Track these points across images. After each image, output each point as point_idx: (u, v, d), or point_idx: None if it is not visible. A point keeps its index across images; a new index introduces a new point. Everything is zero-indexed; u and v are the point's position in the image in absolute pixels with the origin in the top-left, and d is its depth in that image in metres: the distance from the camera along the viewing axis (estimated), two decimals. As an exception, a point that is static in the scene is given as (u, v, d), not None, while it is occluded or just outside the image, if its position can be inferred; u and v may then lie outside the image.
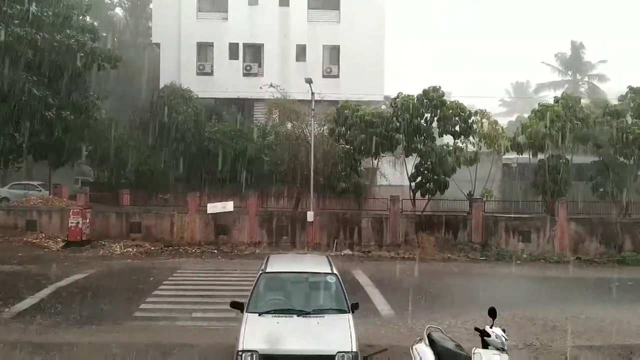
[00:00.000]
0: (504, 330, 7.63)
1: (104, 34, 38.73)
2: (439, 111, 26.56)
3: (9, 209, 26.86)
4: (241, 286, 14.67)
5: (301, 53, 36.04)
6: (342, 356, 8.05)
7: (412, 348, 8.62)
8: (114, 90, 33.83)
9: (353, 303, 9.39)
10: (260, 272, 9.94)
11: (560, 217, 25.41)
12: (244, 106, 35.58)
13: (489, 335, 7.48)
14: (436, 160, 26.09)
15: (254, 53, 36.64)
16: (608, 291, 18.43)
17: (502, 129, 27.55)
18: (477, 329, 7.77)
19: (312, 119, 26.36)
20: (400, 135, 26.55)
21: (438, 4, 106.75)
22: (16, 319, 13.28)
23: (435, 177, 26.28)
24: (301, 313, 9.04)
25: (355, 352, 8.16)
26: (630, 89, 27.12)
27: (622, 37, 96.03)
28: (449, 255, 24.12)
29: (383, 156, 28.34)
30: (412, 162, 27.30)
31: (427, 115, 26.88)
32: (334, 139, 27.48)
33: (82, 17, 30.77)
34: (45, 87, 26.65)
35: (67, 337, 11.91)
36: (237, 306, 9.30)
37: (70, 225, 24.40)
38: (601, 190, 27.49)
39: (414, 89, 27.84)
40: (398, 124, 26.31)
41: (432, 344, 8.22)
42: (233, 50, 36.09)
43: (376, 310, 14.71)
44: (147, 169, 29.50)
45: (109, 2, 46.74)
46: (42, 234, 25.33)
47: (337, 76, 35.76)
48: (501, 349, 7.39)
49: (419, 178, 26.89)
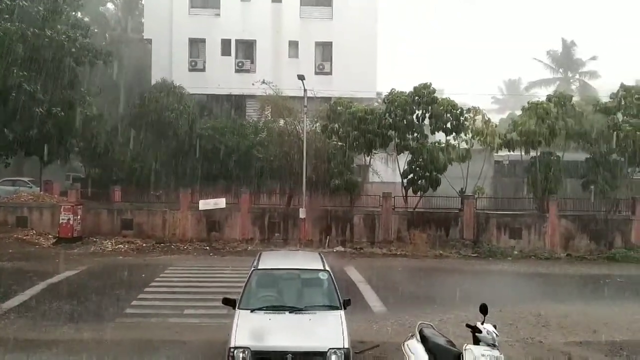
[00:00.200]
0: (495, 327, 7.66)
1: (95, 29, 38.47)
2: (430, 108, 26.59)
3: (-1, 205, 26.70)
4: (233, 283, 14.65)
5: (294, 49, 35.94)
6: (334, 352, 8.07)
7: (403, 344, 8.65)
8: (106, 86, 33.59)
9: (345, 299, 9.42)
10: (253, 268, 9.94)
11: (551, 214, 25.55)
12: (236, 103, 35.49)
13: (480, 332, 7.52)
14: (428, 157, 26.12)
15: (247, 49, 36.52)
16: (598, 288, 18.60)
17: (495, 126, 27.59)
18: (468, 325, 7.81)
19: (304, 116, 26.33)
20: (393, 132, 26.56)
21: (432, 1, 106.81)
22: (6, 316, 13.21)
23: (427, 174, 26.31)
24: (293, 310, 9.05)
25: (347, 348, 8.18)
26: (622, 86, 27.22)
27: (613, 33, 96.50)
28: (441, 252, 24.20)
29: (375, 153, 28.33)
30: (404, 159, 27.32)
31: (419, 112, 26.90)
32: (327, 135, 27.45)
33: (73, 13, 30.53)
34: (36, 83, 26.46)
35: (58, 334, 11.87)
36: (229, 303, 9.30)
37: (61, 221, 24.30)
38: (592, 187, 27.64)
39: (407, 86, 27.83)
40: (390, 120, 26.32)
41: (424, 340, 8.26)
42: (225, 47, 35.95)
43: (368, 306, 14.75)
44: (139, 166, 29.38)
45: (101, -3, 46.42)
46: (32, 230, 25.20)
47: (330, 73, 35.70)
48: (492, 345, 7.43)
49: (411, 175, 26.90)
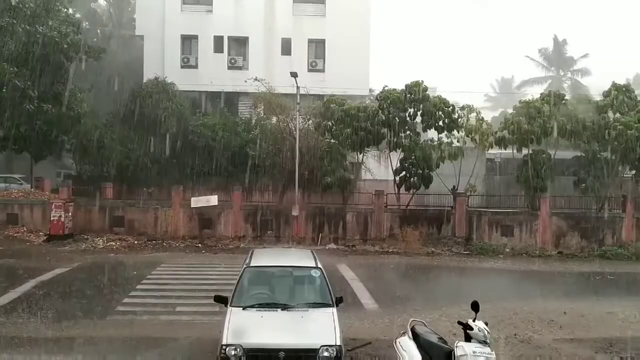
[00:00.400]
0: (486, 324, 7.68)
1: (86, 25, 38.27)
2: (421, 106, 26.62)
3: (-11, 202, 26.49)
4: (225, 280, 14.64)
5: (286, 47, 35.83)
6: (326, 349, 8.08)
7: (395, 341, 8.67)
8: (97, 83, 33.42)
9: (337, 297, 9.42)
10: (245, 266, 9.93)
11: (542, 211, 25.66)
12: (228, 100, 35.39)
13: (472, 329, 7.54)
14: (420, 155, 26.15)
15: (239, 46, 36.42)
16: (589, 285, 18.72)
17: (487, 124, 27.66)
18: (460, 323, 7.83)
19: (297, 113, 26.30)
20: (385, 130, 26.57)
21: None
22: (-3, 314, 13.13)
23: (420, 172, 26.36)
24: (285, 307, 9.05)
25: (339, 345, 8.19)
26: (614, 85, 27.33)
27: (604, 31, 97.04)
28: (433, 250, 24.26)
29: (368, 150, 28.36)
30: (397, 156, 27.34)
31: (411, 110, 26.93)
32: (320, 133, 27.44)
33: (65, 10, 30.31)
34: (27, 79, 26.27)
35: (49, 332, 11.80)
36: (221, 300, 9.29)
37: (52, 218, 24.14)
38: (583, 185, 27.78)
39: (400, 83, 27.84)
40: (383, 117, 26.33)
41: (416, 337, 8.28)
42: (218, 43, 35.82)
43: (360, 304, 14.76)
44: (131, 163, 29.25)
45: (92, -7, 46.13)
46: (23, 227, 25.07)
47: (323, 70, 35.65)
48: (484, 342, 7.45)
49: (404, 172, 26.94)
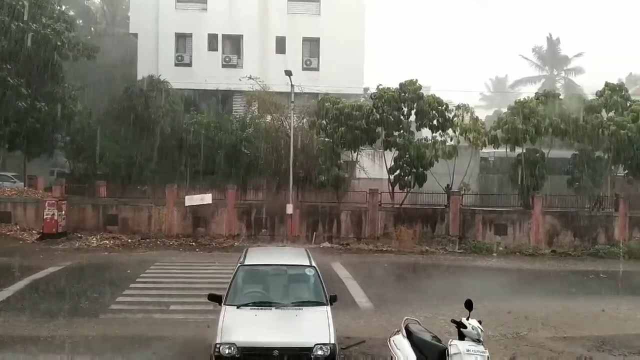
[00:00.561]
0: (480, 322, 7.70)
1: (80, 23, 38.12)
2: (415, 105, 26.66)
3: (-18, 200, 26.36)
4: (219, 279, 14.61)
5: (281, 45, 35.79)
6: (320, 348, 8.09)
7: (389, 340, 8.68)
8: (91, 81, 33.31)
9: (331, 295, 9.41)
10: (239, 264, 9.92)
11: (535, 210, 25.76)
12: (223, 98, 35.33)
13: (466, 327, 7.56)
14: (415, 154, 26.18)
15: (233, 44, 36.35)
16: (582, 283, 18.80)
17: (482, 123, 27.73)
18: (453, 321, 7.84)
19: (291, 112, 26.29)
20: (380, 128, 26.59)
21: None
22: (-10, 312, 13.08)
23: (414, 171, 26.40)
24: (279, 305, 9.05)
25: (333, 344, 8.20)
26: (607, 84, 27.44)
27: (597, 30, 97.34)
28: (427, 248, 24.31)
29: (362, 149, 28.38)
30: (391, 155, 27.37)
31: (405, 108, 26.96)
32: (314, 131, 27.43)
33: (58, 7, 30.20)
34: (20, 77, 26.15)
35: (43, 330, 11.76)
36: (215, 299, 9.28)
37: (45, 217, 24.05)
38: (576, 184, 27.92)
39: (394, 82, 27.86)
40: (377, 116, 26.35)
41: (410, 335, 8.29)
42: (212, 42, 35.75)
43: (354, 302, 14.78)
44: (124, 161, 29.17)
45: (86, -10, 45.94)
46: (16, 226, 24.98)
47: (317, 69, 35.63)
48: (477, 340, 7.47)
49: (398, 171, 26.98)
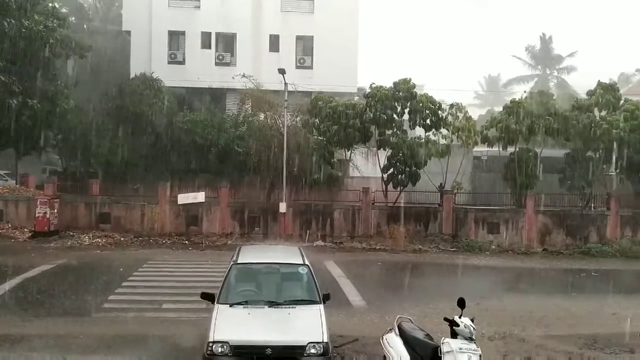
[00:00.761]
0: (472, 320, 7.72)
1: (73, 20, 37.91)
2: (409, 104, 26.70)
3: (-26, 198, 26.18)
4: (212, 277, 14.58)
5: (274, 43, 35.70)
6: (313, 346, 8.11)
7: (382, 338, 8.70)
8: (84, 78, 33.13)
9: (324, 294, 9.42)
10: (232, 263, 9.91)
11: (528, 209, 25.86)
12: (216, 96, 35.22)
13: (458, 325, 7.57)
14: (408, 152, 26.22)
15: (227, 42, 36.23)
16: (574, 282, 18.90)
17: (474, 121, 27.81)
18: (446, 319, 7.86)
19: (285, 110, 26.25)
20: (373, 127, 26.61)
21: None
22: (-19, 311, 13.00)
23: (407, 169, 26.45)
24: (272, 304, 9.05)
25: (326, 342, 8.21)
26: (599, 84, 27.57)
27: (589, 30, 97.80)
28: (420, 247, 24.35)
29: (356, 148, 28.39)
30: (384, 154, 27.40)
31: (399, 107, 26.98)
32: (308, 130, 27.42)
33: (50, 4, 30.02)
34: (12, 74, 25.99)
35: (34, 329, 11.71)
36: (208, 297, 9.27)
37: (37, 215, 23.93)
38: (568, 183, 28.05)
39: (388, 81, 27.91)
40: (371, 115, 26.36)
41: (403, 334, 8.30)
42: (205, 39, 35.61)
43: (347, 301, 14.79)
44: (117, 159, 29.04)
45: (79, -13, 45.67)
46: (8, 224, 24.87)
47: (311, 67, 35.56)
48: (469, 339, 7.49)
49: (391, 170, 27.02)
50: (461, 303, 7.83)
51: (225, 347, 8.02)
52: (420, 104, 26.51)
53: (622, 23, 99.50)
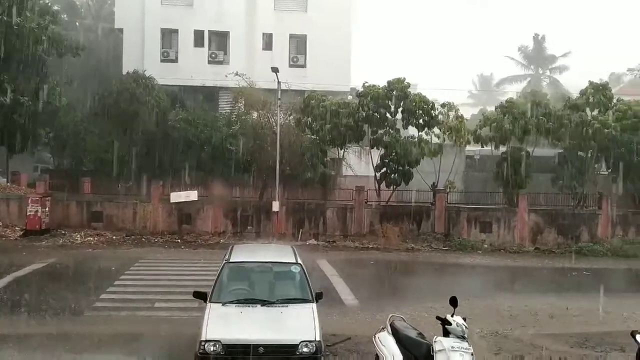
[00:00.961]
0: (464, 319, 7.74)
1: (65, 17, 37.70)
2: (402, 103, 26.74)
3: (-36, 196, 25.99)
4: (205, 276, 14.55)
5: (268, 42, 35.67)
6: (306, 345, 8.11)
7: (375, 337, 8.70)
8: (76, 76, 32.95)
9: (317, 293, 9.42)
10: (224, 261, 9.89)
11: (520, 208, 25.95)
12: (209, 94, 35.12)
13: (450, 324, 7.59)
14: (401, 152, 26.27)
15: (220, 41, 36.15)
16: (565, 281, 19.00)
17: (465, 121, 27.87)
18: (438, 318, 7.87)
19: (278, 109, 26.22)
20: (366, 126, 26.63)
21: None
22: (-29, 310, 12.92)
23: (400, 168, 26.51)
24: (265, 303, 9.04)
25: (319, 341, 8.21)
26: (591, 83, 27.67)
27: (581, 30, 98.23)
28: (413, 246, 24.39)
29: (349, 147, 28.40)
30: (377, 153, 27.43)
31: (392, 106, 27.02)
32: (300, 129, 27.40)
33: (42, 1, 29.85)
34: (3, 71, 25.81)
35: (25, 328, 11.66)
36: (200, 296, 9.24)
37: (28, 213, 23.77)
38: (560, 182, 28.16)
39: (382, 80, 27.94)
40: (364, 114, 26.38)
41: (395, 332, 8.31)
42: (198, 38, 35.51)
43: (340, 299, 14.79)
44: (109, 157, 28.90)
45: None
46: (-1, 222, 24.69)
47: (304, 66, 35.54)
48: (462, 337, 7.51)
49: (384, 169, 27.06)
50: (453, 302, 7.85)
51: (217, 345, 8.00)
52: (414, 104, 26.56)
53: (614, 23, 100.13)
